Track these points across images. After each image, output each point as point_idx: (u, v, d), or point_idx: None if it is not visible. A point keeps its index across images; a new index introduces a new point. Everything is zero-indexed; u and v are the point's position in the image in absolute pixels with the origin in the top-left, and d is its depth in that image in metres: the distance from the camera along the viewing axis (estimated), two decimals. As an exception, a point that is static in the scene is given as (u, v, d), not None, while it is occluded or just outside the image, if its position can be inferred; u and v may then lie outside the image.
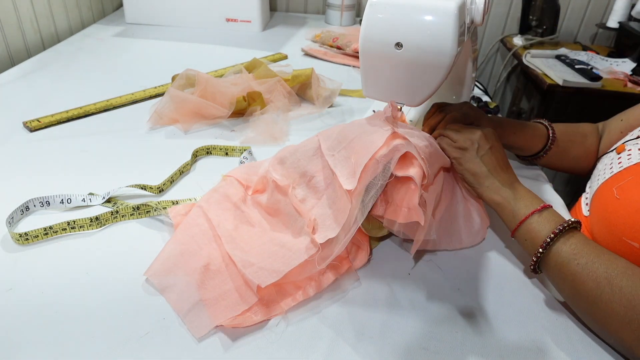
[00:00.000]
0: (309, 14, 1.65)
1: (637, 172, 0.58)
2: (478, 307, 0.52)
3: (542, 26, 1.57)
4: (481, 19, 0.61)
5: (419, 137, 0.54)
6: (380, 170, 0.50)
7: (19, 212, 0.59)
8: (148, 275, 0.51)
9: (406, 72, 0.58)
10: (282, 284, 0.52)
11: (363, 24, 0.57)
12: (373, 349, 0.46)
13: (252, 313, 0.48)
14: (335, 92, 0.95)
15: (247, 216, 0.60)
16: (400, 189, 0.53)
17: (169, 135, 0.82)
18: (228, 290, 0.50)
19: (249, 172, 0.65)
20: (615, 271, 0.47)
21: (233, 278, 0.52)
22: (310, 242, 0.53)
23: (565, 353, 0.48)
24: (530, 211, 0.53)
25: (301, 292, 0.51)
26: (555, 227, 0.51)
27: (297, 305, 0.51)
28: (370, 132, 0.54)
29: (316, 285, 0.52)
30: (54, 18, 1.24)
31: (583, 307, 0.49)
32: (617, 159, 0.63)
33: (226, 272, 0.52)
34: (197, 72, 0.88)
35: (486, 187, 0.56)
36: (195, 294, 0.50)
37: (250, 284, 0.49)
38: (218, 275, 0.52)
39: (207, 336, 0.46)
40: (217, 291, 0.50)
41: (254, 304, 0.49)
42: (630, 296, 0.45)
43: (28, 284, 0.51)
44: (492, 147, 0.58)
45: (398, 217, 0.52)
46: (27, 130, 0.80)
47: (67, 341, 0.45)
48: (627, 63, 1.46)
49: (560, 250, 0.50)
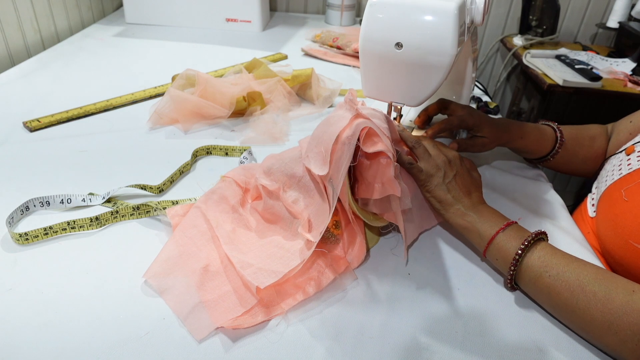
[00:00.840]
0: (309, 14, 1.65)
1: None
2: (478, 307, 0.52)
3: (542, 26, 1.57)
4: (481, 19, 0.61)
5: (380, 119, 0.55)
6: (346, 150, 0.51)
7: (19, 212, 0.59)
8: (147, 277, 0.51)
9: (406, 72, 0.58)
10: (281, 284, 0.52)
11: (363, 24, 0.57)
12: (373, 349, 0.46)
13: (252, 314, 0.48)
14: (335, 92, 0.95)
15: (244, 220, 0.60)
16: (371, 167, 0.53)
17: (169, 135, 0.82)
18: (227, 291, 0.50)
19: (247, 174, 0.65)
20: (586, 278, 0.47)
21: (232, 279, 0.52)
22: (304, 244, 0.53)
23: (565, 353, 0.48)
24: (495, 231, 0.53)
25: (301, 292, 0.51)
26: (521, 243, 0.51)
27: (297, 306, 0.51)
28: (335, 121, 0.54)
29: (316, 285, 0.52)
30: (54, 18, 1.24)
31: (564, 317, 0.49)
32: (627, 160, 0.63)
33: (224, 274, 0.52)
34: (197, 72, 0.88)
35: (452, 213, 0.57)
36: (195, 296, 0.49)
37: (250, 285, 0.49)
38: (217, 276, 0.52)
39: (208, 337, 0.46)
40: (217, 292, 0.50)
41: (254, 305, 0.49)
42: (604, 300, 0.45)
43: (28, 284, 0.51)
44: (457, 174, 0.58)
45: (372, 194, 0.52)
46: (27, 130, 0.80)
47: (67, 341, 0.45)
48: (627, 63, 1.46)
49: (531, 264, 0.51)
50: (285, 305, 0.50)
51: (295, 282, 0.52)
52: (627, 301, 0.44)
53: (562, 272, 0.48)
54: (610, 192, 0.62)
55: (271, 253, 0.53)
